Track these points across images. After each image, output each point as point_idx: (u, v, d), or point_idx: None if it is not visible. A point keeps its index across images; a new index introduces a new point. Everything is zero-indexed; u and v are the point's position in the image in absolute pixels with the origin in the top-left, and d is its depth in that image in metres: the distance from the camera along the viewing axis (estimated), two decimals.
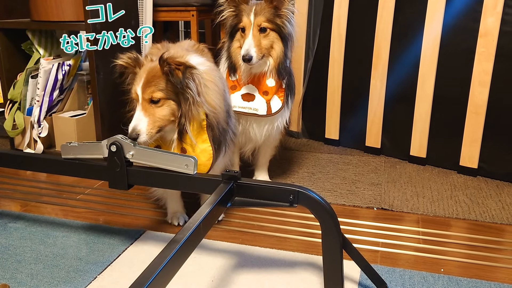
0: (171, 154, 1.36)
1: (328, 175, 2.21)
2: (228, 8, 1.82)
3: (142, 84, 1.45)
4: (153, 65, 1.47)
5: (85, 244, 1.61)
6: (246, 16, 1.76)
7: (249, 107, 1.83)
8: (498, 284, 1.40)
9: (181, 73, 1.40)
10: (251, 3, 1.79)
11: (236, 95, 1.84)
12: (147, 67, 1.48)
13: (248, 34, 1.75)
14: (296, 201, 1.26)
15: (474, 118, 2.12)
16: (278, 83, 1.84)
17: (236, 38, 1.82)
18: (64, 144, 1.50)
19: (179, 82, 1.41)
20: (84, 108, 2.49)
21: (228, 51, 1.86)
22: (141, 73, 1.48)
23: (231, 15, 1.81)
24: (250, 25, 1.76)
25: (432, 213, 1.84)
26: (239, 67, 1.83)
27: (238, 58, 1.79)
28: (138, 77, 1.48)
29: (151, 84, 1.44)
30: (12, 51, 2.48)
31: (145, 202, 1.93)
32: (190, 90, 1.43)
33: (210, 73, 1.55)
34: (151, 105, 1.45)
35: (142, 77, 1.45)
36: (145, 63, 1.50)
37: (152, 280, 0.89)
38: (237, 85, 1.85)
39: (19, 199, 1.96)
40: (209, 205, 1.17)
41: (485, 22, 2.01)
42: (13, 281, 1.40)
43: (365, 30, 2.34)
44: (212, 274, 1.45)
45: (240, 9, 1.79)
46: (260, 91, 1.83)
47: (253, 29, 1.75)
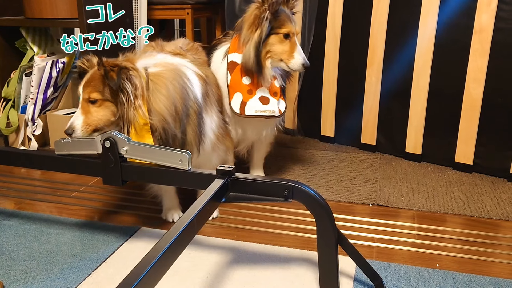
0: (165, 150, 1.36)
1: (324, 172, 2.20)
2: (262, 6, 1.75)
3: (84, 84, 1.49)
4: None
5: (79, 241, 1.61)
6: (290, 22, 1.77)
7: (268, 110, 1.81)
8: (493, 278, 1.41)
9: (115, 75, 1.41)
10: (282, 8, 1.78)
11: (254, 99, 1.81)
12: (93, 68, 1.51)
13: (295, 42, 1.78)
14: (290, 196, 1.25)
15: (469, 114, 2.12)
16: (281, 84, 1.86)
17: (272, 42, 1.77)
18: (58, 140, 1.50)
19: (113, 84, 1.41)
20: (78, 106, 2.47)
21: (258, 53, 1.77)
22: (87, 74, 1.52)
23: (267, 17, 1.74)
24: (295, 33, 1.79)
25: (428, 209, 1.84)
26: (266, 70, 1.79)
27: (267, 61, 1.79)
28: (85, 77, 1.51)
29: (90, 85, 1.47)
30: (6, 49, 2.47)
31: (140, 199, 1.92)
32: (126, 92, 1.43)
33: (165, 76, 1.50)
34: (89, 104, 1.48)
35: (86, 78, 1.50)
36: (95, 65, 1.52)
37: (144, 275, 0.89)
38: (253, 89, 1.81)
39: (13, 196, 1.95)
40: (203, 200, 1.17)
41: (480, 18, 2.02)
42: (7, 278, 1.39)
43: (360, 27, 2.34)
44: (207, 270, 1.44)
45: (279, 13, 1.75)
46: (271, 93, 1.83)
47: (295, 37, 1.79)
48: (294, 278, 1.41)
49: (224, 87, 1.84)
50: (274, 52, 1.78)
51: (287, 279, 1.40)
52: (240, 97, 1.80)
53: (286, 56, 1.78)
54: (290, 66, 1.78)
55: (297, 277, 1.41)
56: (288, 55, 1.78)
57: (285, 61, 1.78)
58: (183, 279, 1.40)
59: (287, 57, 1.78)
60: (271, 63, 1.80)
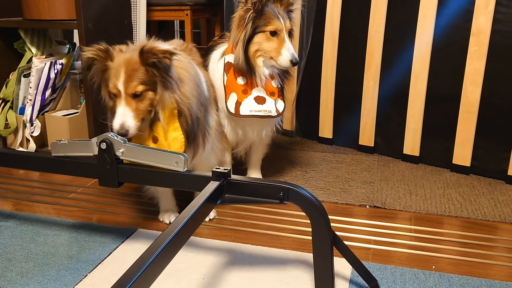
0: (161, 152, 1.36)
1: (321, 173, 2.20)
2: (245, 6, 1.76)
3: (124, 79, 1.42)
4: (128, 57, 1.44)
5: (76, 242, 1.61)
6: (276, 19, 1.76)
7: (264, 110, 1.81)
8: (489, 280, 1.41)
9: (169, 60, 1.41)
10: (270, 6, 1.78)
11: (249, 99, 1.81)
12: (122, 59, 1.44)
13: (284, 38, 1.77)
14: (286, 198, 1.26)
15: (467, 116, 2.12)
16: (278, 83, 1.86)
17: (258, 40, 1.77)
18: (54, 142, 1.50)
19: (168, 69, 1.42)
20: (76, 107, 2.48)
21: (246, 53, 1.78)
22: (116, 66, 1.44)
23: (253, 16, 1.75)
24: (282, 29, 1.77)
25: (425, 211, 1.84)
26: (258, 69, 1.80)
27: (257, 60, 1.79)
28: (115, 71, 1.44)
29: (133, 78, 1.42)
30: (4, 50, 2.48)
31: (137, 201, 1.92)
32: (171, 77, 1.44)
33: (183, 60, 1.54)
34: (133, 99, 1.44)
35: (121, 71, 1.42)
36: (116, 55, 1.46)
37: (139, 276, 0.89)
38: (248, 89, 1.82)
39: (10, 198, 1.95)
40: (198, 202, 1.17)
41: (477, 21, 2.02)
42: (3, 279, 1.39)
43: (358, 29, 2.35)
44: (204, 272, 1.44)
45: (263, 11, 1.76)
46: (267, 93, 1.83)
47: (285, 33, 1.77)
48: (290, 279, 1.41)
49: (222, 88, 1.84)
50: (263, 50, 1.78)
51: (283, 280, 1.40)
52: (235, 97, 1.80)
53: (274, 53, 1.77)
54: (279, 63, 1.78)
55: (293, 279, 1.41)
56: (276, 52, 1.77)
57: (274, 58, 1.78)
58: (179, 280, 1.40)
59: (276, 54, 1.77)
60: (264, 62, 1.80)
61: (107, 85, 1.47)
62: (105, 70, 1.47)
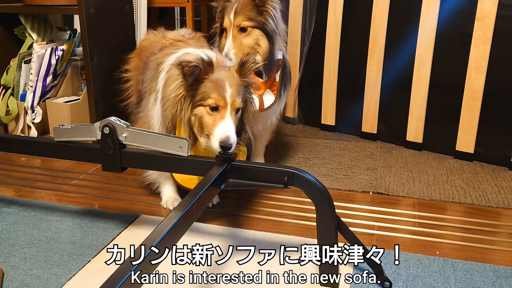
0: (164, 136, 1.35)
1: (324, 160, 2.20)
2: (217, 7, 1.80)
3: (231, 93, 1.42)
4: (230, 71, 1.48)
5: (79, 228, 1.60)
6: (226, 16, 1.74)
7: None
8: (493, 266, 1.40)
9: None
10: (233, 2, 1.76)
11: None
12: (223, 72, 1.45)
13: (228, 35, 1.75)
14: (290, 183, 1.25)
15: (471, 103, 2.10)
16: (271, 77, 1.83)
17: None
18: (57, 126, 1.49)
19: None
20: (78, 94, 2.46)
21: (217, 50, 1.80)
22: (221, 79, 1.43)
23: (220, 16, 1.78)
24: (230, 26, 1.74)
25: (428, 197, 1.84)
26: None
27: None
28: (219, 83, 1.42)
29: (238, 93, 1.46)
30: (5, 36, 2.46)
31: (140, 187, 1.92)
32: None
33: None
34: (236, 114, 1.47)
35: (226, 84, 1.43)
36: (216, 70, 1.45)
37: (143, 260, 0.88)
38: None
39: (13, 184, 1.95)
40: (203, 186, 1.16)
41: (482, 5, 2.00)
42: (6, 265, 1.39)
43: (361, 15, 2.32)
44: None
45: (223, 7, 1.77)
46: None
47: (233, 30, 1.73)
48: (294, 265, 1.40)
49: None
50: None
51: (287, 266, 1.40)
52: None
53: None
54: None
55: (297, 264, 1.40)
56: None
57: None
58: (181, 265, 1.39)
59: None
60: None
61: (201, 97, 1.44)
62: (201, 81, 1.44)
